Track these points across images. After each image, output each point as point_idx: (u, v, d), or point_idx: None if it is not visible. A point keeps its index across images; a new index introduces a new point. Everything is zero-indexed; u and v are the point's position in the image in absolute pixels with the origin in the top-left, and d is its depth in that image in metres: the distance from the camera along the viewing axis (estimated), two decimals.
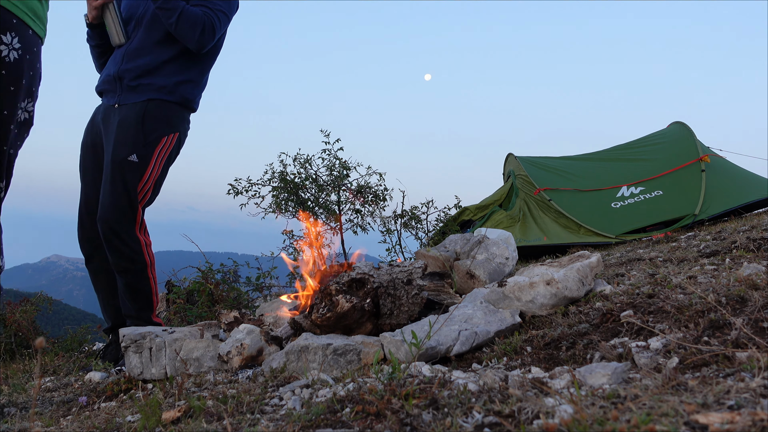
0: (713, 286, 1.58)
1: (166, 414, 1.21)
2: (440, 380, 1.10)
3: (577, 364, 1.30)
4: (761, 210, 4.72)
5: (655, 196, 4.78)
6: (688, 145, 5.15)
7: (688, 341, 1.21)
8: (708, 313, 1.34)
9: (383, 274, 1.95)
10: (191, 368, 1.93)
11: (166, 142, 2.58)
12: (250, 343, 1.86)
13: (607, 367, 1.10)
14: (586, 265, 1.88)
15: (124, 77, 2.56)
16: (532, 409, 0.90)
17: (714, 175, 4.77)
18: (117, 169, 2.47)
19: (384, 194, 6.56)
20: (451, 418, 0.92)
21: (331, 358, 1.62)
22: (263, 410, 1.19)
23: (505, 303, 1.80)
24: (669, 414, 0.80)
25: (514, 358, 1.45)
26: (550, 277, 1.76)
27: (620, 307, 1.56)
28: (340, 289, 1.85)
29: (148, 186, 2.54)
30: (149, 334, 2.07)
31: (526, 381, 1.11)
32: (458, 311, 1.75)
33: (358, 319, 1.83)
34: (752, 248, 2.26)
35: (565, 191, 5.18)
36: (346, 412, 1.01)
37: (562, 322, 1.63)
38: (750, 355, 1.05)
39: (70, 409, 1.83)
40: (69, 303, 58.31)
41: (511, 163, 6.05)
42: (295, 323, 1.91)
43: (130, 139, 2.49)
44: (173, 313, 3.44)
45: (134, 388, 1.93)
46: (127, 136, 2.50)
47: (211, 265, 3.89)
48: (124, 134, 2.50)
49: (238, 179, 6.41)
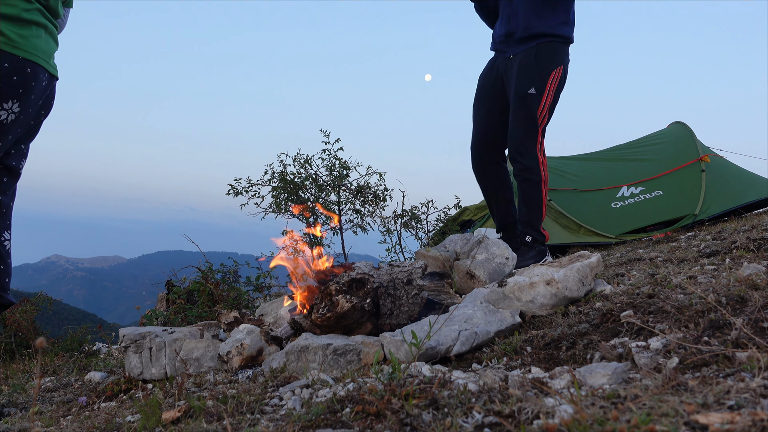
0: (713, 286, 1.58)
1: (166, 414, 1.21)
2: (440, 380, 1.10)
3: (577, 364, 1.30)
4: (761, 210, 4.71)
5: (655, 196, 4.78)
6: (688, 145, 5.15)
7: (688, 341, 1.21)
8: (708, 313, 1.34)
9: (383, 274, 1.95)
10: (191, 368, 1.93)
11: (556, 75, 3.05)
12: (250, 343, 1.86)
13: (607, 367, 1.10)
14: (586, 265, 1.88)
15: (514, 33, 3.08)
16: (532, 409, 0.90)
17: (714, 175, 4.77)
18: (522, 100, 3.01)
19: (384, 194, 6.56)
20: (451, 418, 0.92)
21: (331, 358, 1.62)
22: (263, 410, 1.19)
23: (505, 303, 1.80)
24: (669, 414, 0.80)
25: (514, 358, 1.45)
26: (550, 277, 1.76)
27: (620, 307, 1.56)
28: (340, 289, 1.85)
29: (545, 111, 3.05)
30: (149, 334, 2.07)
31: (526, 381, 1.11)
32: (458, 311, 1.75)
33: (358, 319, 1.83)
34: (752, 248, 2.26)
35: (565, 191, 5.18)
36: (346, 412, 1.01)
37: (562, 322, 1.63)
38: (750, 355, 1.04)
39: (70, 409, 1.83)
40: (69, 303, 58.32)
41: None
42: (295, 323, 1.91)
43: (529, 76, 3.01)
44: (173, 313, 3.43)
45: (134, 388, 1.93)
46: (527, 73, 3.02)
47: (211, 265, 3.89)
48: (524, 73, 3.03)
49: (237, 179, 6.40)
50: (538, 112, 3.00)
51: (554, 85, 3.04)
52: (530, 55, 3.01)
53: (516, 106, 3.02)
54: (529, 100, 2.99)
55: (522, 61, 3.02)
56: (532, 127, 2.99)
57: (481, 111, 3.25)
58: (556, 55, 3.03)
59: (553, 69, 3.01)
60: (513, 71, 3.06)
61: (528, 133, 2.99)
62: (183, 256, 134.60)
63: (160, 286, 4.31)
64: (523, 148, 2.99)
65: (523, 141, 2.99)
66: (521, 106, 2.99)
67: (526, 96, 2.98)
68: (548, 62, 3.00)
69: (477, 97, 3.29)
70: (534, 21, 3.02)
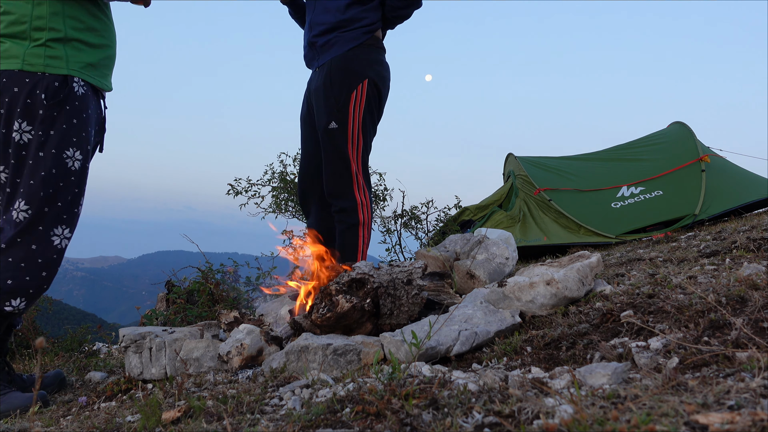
0: (713, 286, 1.58)
1: (166, 414, 1.21)
2: (440, 380, 1.10)
3: (577, 364, 1.30)
4: (761, 210, 4.71)
5: (655, 196, 4.78)
6: (688, 145, 5.15)
7: (688, 341, 1.21)
8: (708, 313, 1.34)
9: (383, 274, 1.95)
10: (191, 368, 1.93)
11: (359, 95, 2.66)
12: (250, 343, 1.86)
13: (607, 367, 1.10)
14: (586, 265, 1.88)
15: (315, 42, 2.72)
16: (532, 409, 0.90)
17: (714, 175, 4.77)
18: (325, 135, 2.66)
19: (384, 194, 6.56)
20: (451, 418, 0.92)
21: (331, 358, 1.62)
22: (263, 410, 1.19)
23: (505, 303, 1.80)
24: (669, 414, 0.80)
25: (514, 358, 1.45)
26: (550, 277, 1.76)
27: (620, 307, 1.56)
28: (340, 289, 1.85)
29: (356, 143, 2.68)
30: (149, 334, 2.07)
31: (526, 381, 1.11)
32: (458, 311, 1.75)
33: (358, 319, 1.83)
34: (752, 248, 2.26)
35: (565, 191, 5.18)
36: (346, 412, 1.01)
37: (562, 322, 1.63)
38: (750, 355, 1.04)
39: (70, 409, 1.83)
40: (69, 303, 58.34)
41: (511, 163, 6.05)
42: (295, 323, 1.91)
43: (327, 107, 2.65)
44: (173, 313, 3.43)
45: (134, 388, 1.93)
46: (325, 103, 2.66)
47: (211, 265, 3.89)
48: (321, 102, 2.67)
49: (237, 179, 6.40)
50: (348, 148, 2.61)
51: (359, 108, 2.62)
52: (323, 73, 2.64)
53: (323, 142, 2.65)
54: (332, 136, 2.60)
55: (320, 83, 2.64)
56: (344, 166, 2.61)
57: (305, 142, 2.89)
58: (355, 71, 2.60)
59: (352, 91, 2.59)
60: (319, 94, 2.66)
61: (341, 173, 2.62)
62: (183, 256, 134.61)
63: (160, 286, 4.31)
64: (338, 189, 2.63)
65: (337, 181, 2.62)
66: (327, 143, 2.63)
67: (327, 131, 2.61)
68: (345, 83, 2.59)
69: (301, 126, 2.92)
70: (333, 23, 2.63)
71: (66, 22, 1.98)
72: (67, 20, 1.98)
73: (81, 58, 2.02)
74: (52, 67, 1.94)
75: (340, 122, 2.60)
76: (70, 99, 1.98)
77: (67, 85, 1.97)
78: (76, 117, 2.00)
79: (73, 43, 2.00)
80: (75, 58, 2.00)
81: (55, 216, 1.96)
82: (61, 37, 1.96)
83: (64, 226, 2.00)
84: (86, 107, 2.04)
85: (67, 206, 2.00)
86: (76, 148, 2.00)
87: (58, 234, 1.98)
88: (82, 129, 2.02)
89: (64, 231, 2.00)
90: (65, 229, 2.00)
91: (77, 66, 2.00)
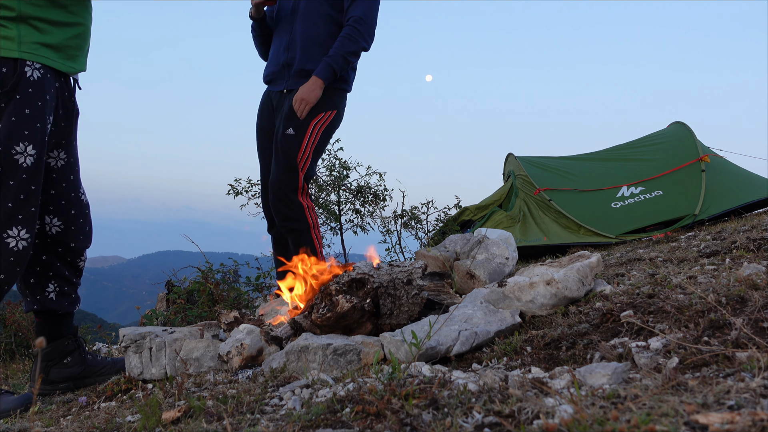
0: (713, 286, 1.58)
1: (166, 414, 1.21)
2: (440, 380, 1.10)
3: (577, 364, 1.30)
4: (761, 210, 4.71)
5: (655, 196, 4.78)
6: (688, 145, 5.15)
7: (688, 341, 1.21)
8: (708, 313, 1.34)
9: (383, 274, 1.95)
10: (191, 368, 1.93)
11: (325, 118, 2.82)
12: (250, 343, 1.86)
13: (607, 367, 1.10)
14: (586, 265, 1.88)
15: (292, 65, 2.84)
16: (532, 409, 0.90)
17: (714, 175, 4.77)
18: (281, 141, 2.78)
19: (384, 194, 6.56)
20: (451, 418, 0.92)
21: (331, 358, 1.62)
22: (263, 410, 1.19)
23: (505, 303, 1.80)
24: (669, 414, 0.80)
25: (514, 358, 1.45)
26: (550, 277, 1.76)
27: (620, 307, 1.56)
28: (340, 289, 1.85)
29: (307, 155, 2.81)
30: (149, 334, 2.07)
31: (526, 381, 1.11)
32: (458, 311, 1.75)
33: (358, 319, 1.83)
34: (752, 248, 2.26)
35: (565, 191, 5.18)
36: (346, 412, 1.01)
37: (562, 322, 1.63)
38: (750, 355, 1.05)
39: (70, 409, 1.83)
40: None
41: (511, 163, 6.05)
42: (295, 323, 1.91)
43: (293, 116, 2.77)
44: (173, 313, 3.44)
45: (134, 388, 1.93)
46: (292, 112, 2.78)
47: (211, 265, 3.89)
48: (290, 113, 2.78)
49: (238, 179, 6.41)
50: (299, 156, 2.75)
51: (320, 128, 2.80)
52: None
53: (276, 148, 2.80)
54: (286, 142, 2.75)
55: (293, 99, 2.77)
56: (291, 172, 2.75)
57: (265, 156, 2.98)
58: (331, 99, 2.81)
59: (322, 111, 2.78)
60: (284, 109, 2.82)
61: (288, 179, 2.75)
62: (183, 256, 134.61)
63: (160, 286, 4.31)
64: (284, 196, 2.75)
65: (283, 188, 2.75)
66: (280, 148, 2.77)
67: (284, 137, 2.76)
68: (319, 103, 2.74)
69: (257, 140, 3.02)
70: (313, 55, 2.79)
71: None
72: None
73: (38, 38, 1.82)
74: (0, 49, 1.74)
75: (298, 131, 2.76)
76: (21, 86, 1.78)
77: (17, 70, 1.76)
78: (28, 106, 1.80)
79: (31, 21, 1.79)
80: (30, 38, 1.80)
81: (7, 217, 1.81)
82: (14, 15, 1.76)
83: (20, 227, 1.84)
84: (42, 94, 1.84)
85: (20, 206, 1.83)
86: (27, 142, 1.81)
87: (13, 236, 1.83)
88: (36, 120, 1.83)
89: (20, 232, 1.85)
90: (21, 230, 1.85)
91: (31, 48, 1.80)
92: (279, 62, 2.87)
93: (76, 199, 2.16)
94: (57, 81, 1.93)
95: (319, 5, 2.83)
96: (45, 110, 1.86)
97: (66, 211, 2.12)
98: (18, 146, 1.80)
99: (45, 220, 2.08)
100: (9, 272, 1.86)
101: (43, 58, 1.84)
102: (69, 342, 2.14)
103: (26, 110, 1.80)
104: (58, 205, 2.10)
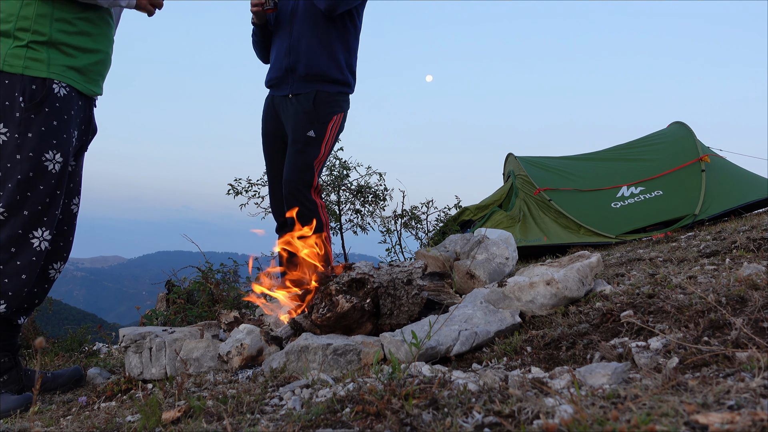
0: (713, 286, 1.58)
1: (166, 414, 1.21)
2: (440, 380, 1.10)
3: (577, 364, 1.30)
4: (761, 210, 4.71)
5: (655, 196, 4.78)
6: (688, 145, 5.15)
7: (688, 341, 1.21)
8: (708, 313, 1.34)
9: (383, 274, 1.95)
10: (191, 368, 1.93)
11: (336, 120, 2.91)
12: (250, 343, 1.86)
13: (607, 367, 1.10)
14: (586, 265, 1.88)
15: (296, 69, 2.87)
16: (532, 409, 0.90)
17: (714, 175, 4.77)
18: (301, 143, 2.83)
19: (384, 194, 6.56)
20: (451, 418, 0.92)
21: (331, 358, 1.62)
22: (263, 410, 1.19)
23: (505, 303, 1.80)
24: (669, 414, 0.80)
25: (514, 358, 1.45)
26: (550, 277, 1.76)
27: (620, 307, 1.56)
28: (340, 289, 1.85)
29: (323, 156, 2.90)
30: (149, 334, 2.07)
31: (526, 381, 1.11)
32: (458, 311, 1.75)
33: (358, 319, 1.83)
34: (752, 248, 2.26)
35: (565, 191, 5.18)
36: (346, 412, 1.01)
37: (562, 322, 1.63)
38: (750, 355, 1.05)
39: (70, 409, 1.83)
40: (69, 303, 58.30)
41: (511, 163, 6.05)
42: (295, 323, 1.91)
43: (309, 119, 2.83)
44: (173, 313, 3.43)
45: (134, 388, 1.93)
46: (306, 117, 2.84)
47: (211, 265, 3.89)
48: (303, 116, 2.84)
49: (237, 179, 6.40)
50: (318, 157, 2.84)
51: (335, 130, 2.90)
52: (309, 99, 2.84)
53: (294, 150, 2.84)
54: (308, 143, 2.81)
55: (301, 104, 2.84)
56: (308, 172, 2.81)
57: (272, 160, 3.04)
58: (337, 103, 2.88)
59: (334, 114, 2.87)
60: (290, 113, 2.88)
61: (304, 178, 2.81)
62: (183, 256, 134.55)
63: (160, 286, 4.31)
64: (299, 193, 2.80)
65: (299, 186, 2.80)
66: (299, 150, 2.82)
67: (305, 139, 2.81)
68: (329, 108, 2.84)
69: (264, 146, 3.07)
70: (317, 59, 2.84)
71: (53, 25, 1.95)
72: (54, 23, 1.95)
73: (65, 61, 1.99)
74: (31, 69, 1.92)
75: (318, 132, 2.83)
76: (50, 101, 1.95)
77: (45, 87, 1.93)
78: (56, 119, 1.97)
79: (60, 46, 1.97)
80: (58, 61, 1.97)
81: (34, 218, 1.94)
82: (45, 40, 1.94)
83: (44, 228, 1.97)
84: (68, 109, 2.01)
85: (46, 208, 1.97)
86: (56, 150, 1.97)
87: (38, 236, 1.96)
88: (63, 131, 1.99)
89: (44, 233, 1.97)
90: (44, 231, 1.97)
91: (59, 69, 1.97)
92: (282, 67, 2.89)
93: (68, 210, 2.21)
94: (80, 100, 2.09)
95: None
96: (70, 124, 2.03)
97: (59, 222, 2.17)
98: (48, 153, 1.96)
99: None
100: (31, 271, 1.95)
101: (68, 79, 2.01)
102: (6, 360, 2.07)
103: (54, 122, 1.97)
104: None
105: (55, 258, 2.17)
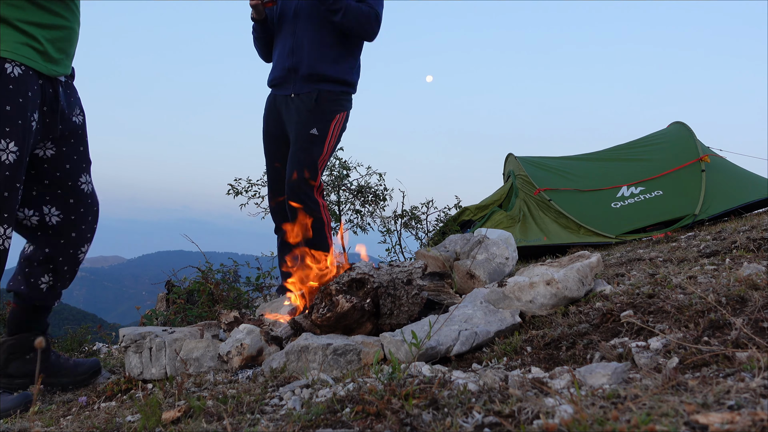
0: (713, 286, 1.58)
1: (166, 414, 1.21)
2: (440, 380, 1.10)
3: (577, 364, 1.30)
4: (761, 210, 4.71)
5: (655, 196, 4.78)
6: (688, 145, 5.15)
7: (688, 341, 1.21)
8: (708, 313, 1.34)
9: (383, 274, 1.95)
10: (191, 368, 1.93)
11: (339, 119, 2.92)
12: (250, 343, 1.86)
13: (607, 367, 1.10)
14: (586, 265, 1.88)
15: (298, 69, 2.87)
16: (532, 409, 0.90)
17: (714, 175, 4.77)
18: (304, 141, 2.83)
19: (384, 194, 6.56)
20: (451, 418, 0.92)
21: (331, 358, 1.62)
22: (263, 410, 1.19)
23: (505, 303, 1.80)
24: (669, 414, 0.80)
25: (514, 358, 1.45)
26: (550, 277, 1.76)
27: (620, 307, 1.56)
28: (340, 289, 1.85)
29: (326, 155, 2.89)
30: (149, 334, 2.07)
31: (526, 381, 1.11)
32: (458, 311, 1.75)
33: (358, 319, 1.83)
34: (752, 248, 2.26)
35: (565, 191, 5.18)
36: (346, 412, 1.01)
37: (562, 322, 1.63)
38: (750, 355, 1.05)
39: (70, 409, 1.83)
40: (69, 303, 58.29)
41: (511, 163, 6.05)
42: (295, 323, 1.91)
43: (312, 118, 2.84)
44: (173, 313, 3.43)
45: (134, 388, 1.93)
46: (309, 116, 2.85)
47: (211, 265, 3.89)
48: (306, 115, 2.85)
49: (237, 179, 6.41)
50: (321, 155, 2.84)
51: (338, 129, 2.89)
52: (311, 98, 2.83)
53: (297, 148, 2.83)
54: (311, 141, 2.81)
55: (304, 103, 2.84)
56: (312, 170, 2.81)
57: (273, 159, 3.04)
58: (340, 102, 2.88)
59: (337, 113, 2.87)
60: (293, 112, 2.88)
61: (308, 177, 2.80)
62: (183, 256, 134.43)
63: (160, 286, 4.31)
64: (302, 193, 2.79)
65: (301, 185, 2.79)
66: (302, 148, 2.81)
67: (308, 137, 2.81)
68: (332, 106, 2.84)
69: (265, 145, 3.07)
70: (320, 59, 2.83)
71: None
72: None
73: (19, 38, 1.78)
74: None
75: (322, 131, 2.83)
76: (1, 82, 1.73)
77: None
78: (8, 103, 1.75)
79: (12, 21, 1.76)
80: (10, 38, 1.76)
81: None
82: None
83: (5, 225, 1.79)
84: (23, 91, 1.78)
85: (3, 203, 1.77)
86: (9, 138, 1.74)
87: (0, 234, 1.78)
88: (18, 116, 1.77)
89: (6, 230, 1.80)
90: (7, 228, 1.80)
91: (11, 47, 1.76)
92: (284, 67, 2.89)
93: (75, 188, 2.09)
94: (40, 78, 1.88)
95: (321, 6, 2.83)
96: (27, 107, 1.81)
97: (63, 200, 2.06)
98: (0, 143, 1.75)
99: (43, 210, 2.02)
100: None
101: (23, 58, 1.80)
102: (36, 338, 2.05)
103: (6, 107, 1.75)
104: (54, 195, 2.04)
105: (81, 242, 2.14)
